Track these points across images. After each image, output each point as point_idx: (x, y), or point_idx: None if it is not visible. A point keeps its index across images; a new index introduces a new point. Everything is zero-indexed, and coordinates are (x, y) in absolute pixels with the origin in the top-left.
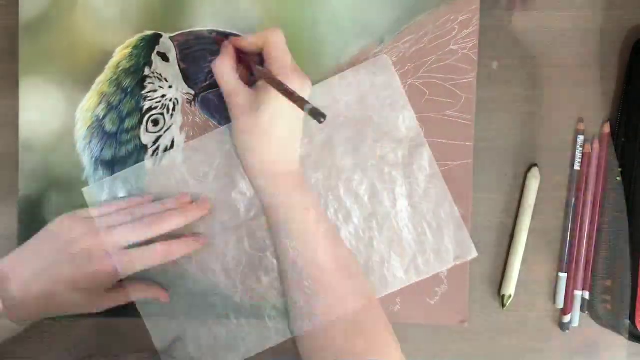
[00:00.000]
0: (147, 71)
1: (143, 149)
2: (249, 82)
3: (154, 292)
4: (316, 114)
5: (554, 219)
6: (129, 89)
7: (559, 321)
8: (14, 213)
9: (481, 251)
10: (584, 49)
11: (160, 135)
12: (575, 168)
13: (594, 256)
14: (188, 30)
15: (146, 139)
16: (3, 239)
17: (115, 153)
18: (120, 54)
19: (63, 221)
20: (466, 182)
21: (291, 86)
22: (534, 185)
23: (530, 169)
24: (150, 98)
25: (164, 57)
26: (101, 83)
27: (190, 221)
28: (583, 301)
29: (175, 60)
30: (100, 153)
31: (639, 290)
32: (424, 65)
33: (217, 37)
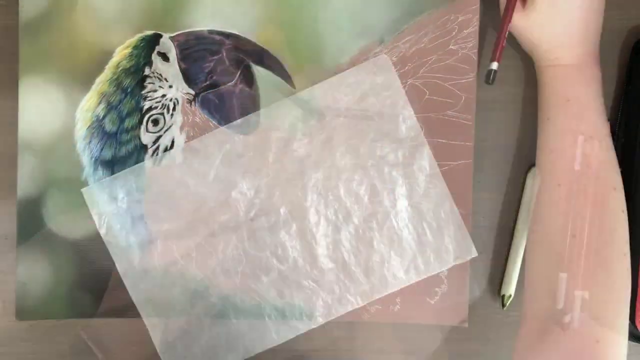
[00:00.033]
0: (147, 71)
1: (143, 148)
2: None
3: None
4: (491, 74)
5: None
6: (129, 88)
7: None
8: (13, 213)
9: (481, 251)
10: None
11: (160, 135)
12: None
13: None
14: (188, 30)
15: (146, 138)
16: (2, 239)
17: (115, 153)
18: (120, 54)
19: None
20: (466, 182)
21: None
22: (534, 185)
23: (530, 169)
24: (150, 98)
25: (164, 57)
26: (101, 83)
27: None
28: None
29: (176, 60)
30: (100, 153)
31: (639, 290)
32: (424, 65)
33: None
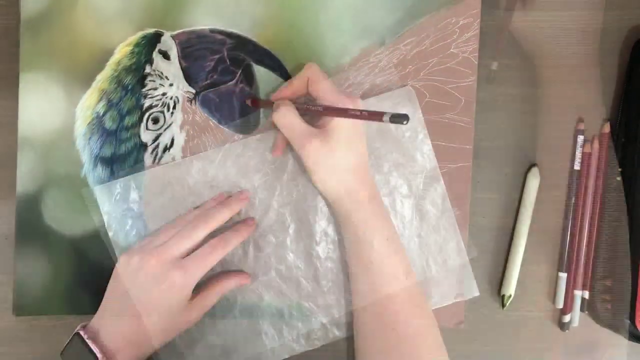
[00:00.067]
0: (148, 69)
1: (143, 146)
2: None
3: (233, 282)
4: (398, 118)
5: (554, 219)
6: (130, 86)
7: (558, 321)
8: (13, 213)
9: (481, 251)
10: (584, 49)
11: (160, 134)
12: (575, 168)
13: (594, 256)
14: (190, 28)
15: (146, 136)
16: (2, 239)
17: (114, 150)
18: (121, 52)
19: (121, 260)
20: (465, 184)
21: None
22: (534, 185)
23: (530, 169)
24: (150, 96)
25: (165, 55)
26: (102, 80)
27: (235, 212)
28: (583, 301)
29: (177, 59)
30: (100, 150)
31: (639, 290)
32: (425, 67)
33: (254, 100)
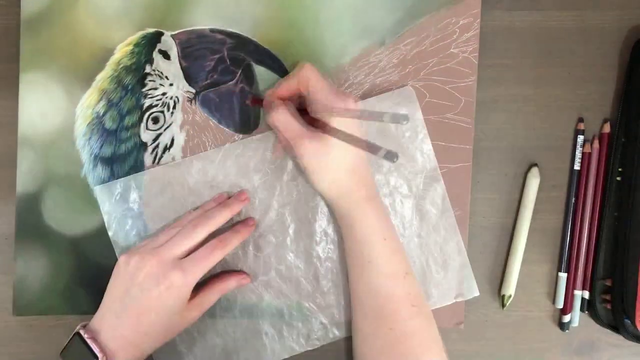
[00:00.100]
0: (148, 69)
1: (143, 146)
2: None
3: (233, 282)
4: (390, 156)
5: (554, 219)
6: (130, 86)
7: (558, 321)
8: (13, 213)
9: (481, 251)
10: (584, 49)
11: (160, 133)
12: (575, 168)
13: (594, 256)
14: (190, 28)
15: (146, 136)
16: (2, 239)
17: (114, 150)
18: (121, 51)
19: (120, 260)
20: (465, 185)
21: (339, 109)
22: (534, 185)
23: (530, 169)
24: (150, 96)
25: (165, 55)
26: (102, 80)
27: (235, 213)
28: (583, 301)
29: (177, 58)
30: (100, 150)
31: (639, 290)
32: (425, 67)
33: (254, 99)
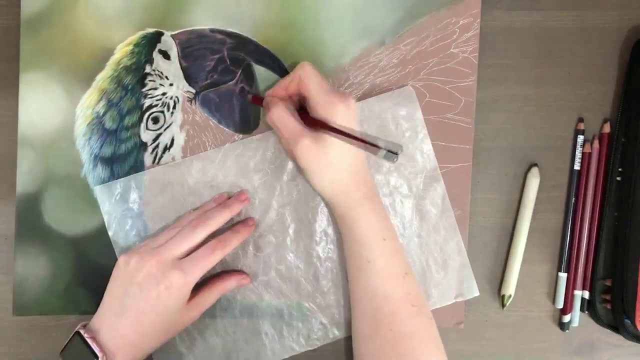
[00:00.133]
0: (148, 69)
1: (143, 146)
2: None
3: (233, 282)
4: (390, 157)
5: (554, 219)
6: (130, 86)
7: (558, 321)
8: (13, 213)
9: (481, 251)
10: (584, 49)
11: (160, 133)
12: (575, 168)
13: (594, 256)
14: (190, 28)
15: (146, 136)
16: (2, 239)
17: (114, 150)
18: (121, 51)
19: (120, 261)
20: (465, 184)
21: (337, 109)
22: (534, 185)
23: (530, 169)
24: (150, 96)
25: (165, 55)
26: (102, 80)
27: (235, 213)
28: (583, 301)
29: (177, 58)
30: (100, 150)
31: (639, 290)
32: (425, 67)
33: (254, 97)
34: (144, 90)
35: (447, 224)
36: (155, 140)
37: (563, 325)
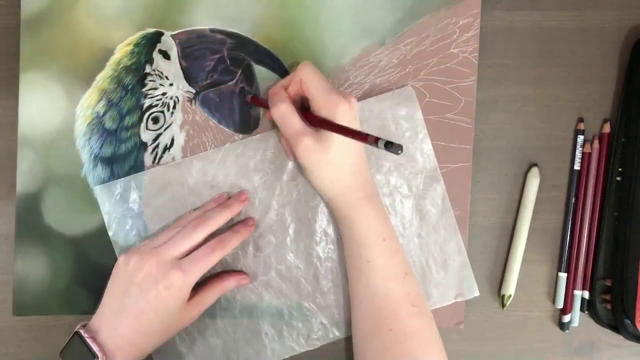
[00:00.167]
0: (148, 69)
1: (143, 146)
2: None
3: (232, 282)
4: (393, 147)
5: (554, 219)
6: (130, 86)
7: (558, 321)
8: (13, 213)
9: (481, 251)
10: (584, 49)
11: (160, 133)
12: (575, 168)
13: (594, 256)
14: (190, 28)
15: (146, 136)
16: (2, 239)
17: (114, 150)
18: (121, 51)
19: (120, 260)
20: (465, 184)
21: (341, 108)
22: (534, 185)
23: (530, 169)
24: (150, 96)
25: (165, 55)
26: (102, 80)
27: (235, 214)
28: (583, 301)
29: (177, 58)
30: (100, 150)
31: (639, 290)
32: (425, 67)
33: (253, 98)
34: (144, 90)
35: (447, 224)
36: (155, 140)
37: (563, 325)
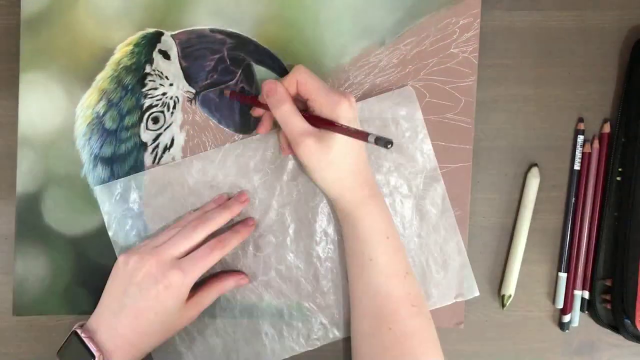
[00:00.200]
0: (148, 69)
1: (143, 146)
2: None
3: (232, 282)
4: (382, 142)
5: (554, 219)
6: (130, 86)
7: (558, 321)
8: (13, 213)
9: (481, 251)
10: (584, 49)
11: (160, 133)
12: (575, 168)
13: (594, 256)
14: (190, 28)
15: (146, 136)
16: (2, 239)
17: (114, 150)
18: (121, 51)
19: (119, 260)
20: (465, 184)
21: (342, 106)
22: (534, 185)
23: (530, 169)
24: (150, 96)
25: (165, 55)
26: (102, 80)
27: (235, 214)
28: (583, 301)
29: (177, 58)
30: (100, 150)
31: (639, 290)
32: (425, 67)
33: (233, 93)
34: (144, 90)
35: (447, 224)
36: (155, 140)
37: (563, 325)
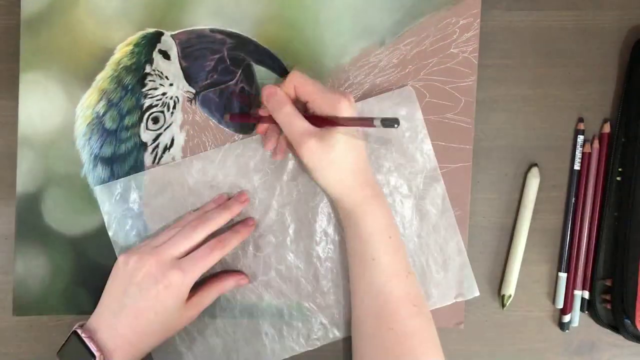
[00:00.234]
0: (148, 69)
1: (143, 146)
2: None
3: (232, 283)
4: (389, 122)
5: (554, 219)
6: (130, 86)
7: (558, 321)
8: (13, 213)
9: (481, 251)
10: (584, 49)
11: (160, 133)
12: (575, 168)
13: (594, 256)
14: (190, 28)
15: (146, 136)
16: (2, 239)
17: (114, 150)
18: (121, 51)
19: (119, 260)
20: (465, 185)
21: (343, 104)
22: (534, 185)
23: (530, 169)
24: (150, 96)
25: (165, 55)
26: (102, 80)
27: (235, 215)
28: (583, 301)
29: (177, 59)
30: (100, 150)
31: (639, 290)
32: (425, 67)
33: (232, 115)
34: (144, 90)
35: (447, 224)
36: (155, 140)
37: (563, 325)
